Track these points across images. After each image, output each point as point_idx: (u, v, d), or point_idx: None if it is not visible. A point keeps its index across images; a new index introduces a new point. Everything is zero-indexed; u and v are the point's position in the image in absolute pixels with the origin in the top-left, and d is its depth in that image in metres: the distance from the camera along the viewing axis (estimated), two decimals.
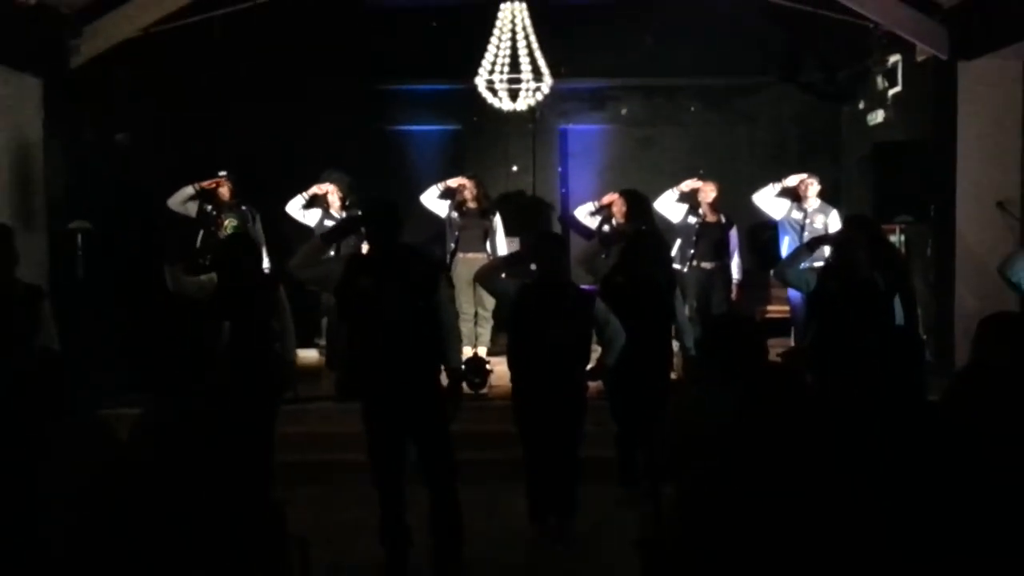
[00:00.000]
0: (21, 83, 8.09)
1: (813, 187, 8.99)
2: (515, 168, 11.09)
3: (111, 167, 8.79)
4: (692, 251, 9.00)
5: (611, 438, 6.58)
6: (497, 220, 9.21)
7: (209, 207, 8.85)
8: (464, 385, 6.31)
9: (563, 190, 11.33)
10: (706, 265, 9.02)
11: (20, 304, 5.82)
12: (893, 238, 8.74)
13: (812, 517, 3.60)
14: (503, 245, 9.15)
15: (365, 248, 6.00)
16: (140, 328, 8.09)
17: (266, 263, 8.31)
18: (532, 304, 5.81)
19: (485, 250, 9.02)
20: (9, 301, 5.79)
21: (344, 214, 8.81)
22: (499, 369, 7.51)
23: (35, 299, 5.95)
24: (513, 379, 5.96)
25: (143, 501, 3.72)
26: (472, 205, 9.12)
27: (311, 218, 8.90)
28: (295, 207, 8.91)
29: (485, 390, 7.95)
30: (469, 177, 9.29)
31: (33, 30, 7.83)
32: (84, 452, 3.74)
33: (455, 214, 9.14)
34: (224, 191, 8.85)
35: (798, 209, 8.99)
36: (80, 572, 3.44)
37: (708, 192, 9.10)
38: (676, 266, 8.89)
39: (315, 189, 8.95)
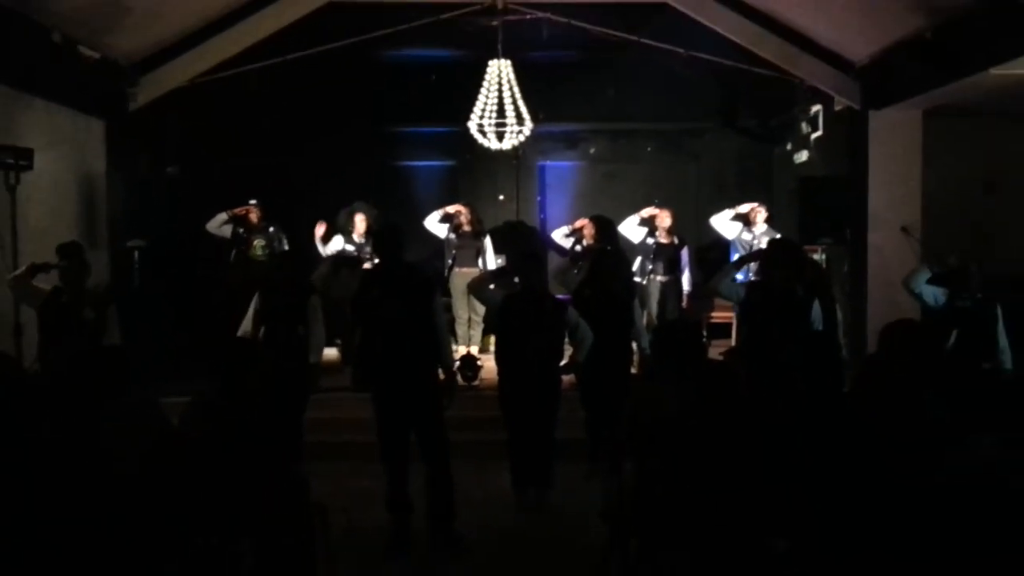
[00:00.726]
0: (87, 124, 8.11)
1: (761, 214, 9.02)
2: (501, 197, 11.13)
3: (163, 195, 8.79)
4: (650, 267, 9.05)
5: (582, 423, 6.61)
6: (487, 240, 9.26)
7: (241, 230, 8.81)
8: (458, 378, 6.32)
9: (542, 216, 11.37)
10: (662, 279, 9.07)
11: (91, 308, 5.84)
12: (816, 257, 8.83)
13: (747, 491, 3.65)
14: (492, 261, 9.19)
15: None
16: (187, 330, 8.10)
17: None
18: (516, 311, 5.85)
19: (477, 265, 9.05)
20: (81, 306, 5.82)
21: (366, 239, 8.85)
22: (488, 365, 7.53)
23: (105, 304, 5.97)
24: (499, 373, 5.99)
25: (190, 471, 3.74)
26: (467, 228, 9.16)
27: (332, 247, 8.94)
28: (330, 247, 8.95)
29: (476, 382, 7.96)
30: (464, 204, 9.33)
31: (97, 80, 7.81)
32: (140, 426, 3.76)
33: (452, 235, 9.17)
34: (253, 216, 8.81)
35: (747, 231, 9.00)
36: (135, 523, 3.44)
37: (664, 218, 9.14)
38: (637, 279, 8.93)
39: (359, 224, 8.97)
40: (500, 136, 8.77)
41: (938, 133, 8.58)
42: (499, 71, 8.69)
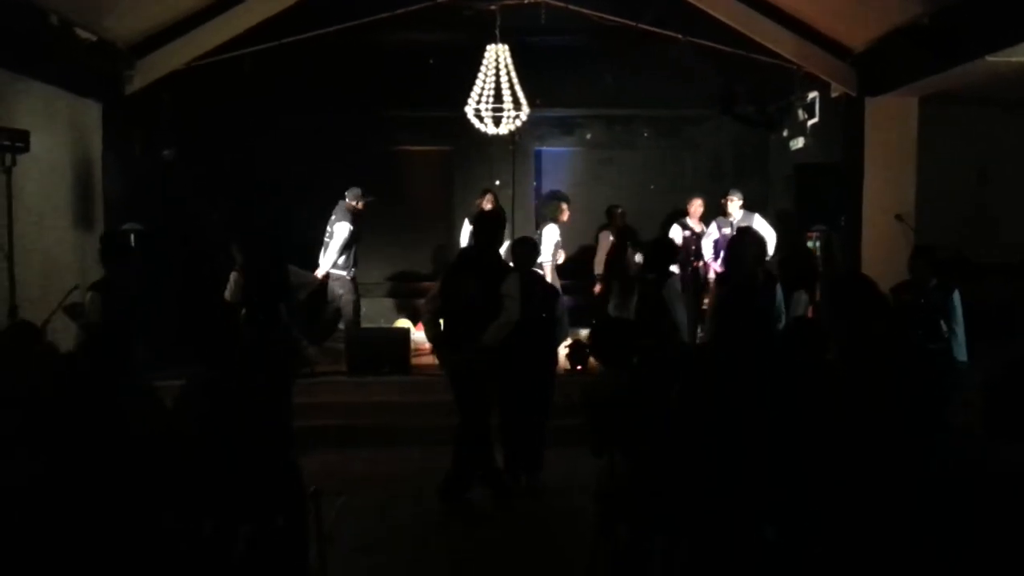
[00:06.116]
0: (84, 107, 8.07)
1: (734, 203, 9.06)
2: (497, 183, 11.08)
3: (158, 178, 8.75)
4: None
5: (575, 408, 6.59)
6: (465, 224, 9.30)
7: None
8: None
9: (537, 201, 11.36)
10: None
11: None
12: (810, 244, 8.84)
13: (735, 479, 3.67)
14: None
15: None
16: (183, 314, 8.04)
17: None
18: None
19: None
20: None
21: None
22: None
23: None
24: None
25: (184, 453, 3.75)
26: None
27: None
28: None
29: None
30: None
31: (94, 63, 7.76)
32: (139, 405, 3.77)
33: None
34: None
35: (727, 224, 9.01)
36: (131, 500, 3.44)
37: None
38: None
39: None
40: (497, 121, 8.75)
41: (934, 120, 8.58)
42: (497, 55, 8.66)
